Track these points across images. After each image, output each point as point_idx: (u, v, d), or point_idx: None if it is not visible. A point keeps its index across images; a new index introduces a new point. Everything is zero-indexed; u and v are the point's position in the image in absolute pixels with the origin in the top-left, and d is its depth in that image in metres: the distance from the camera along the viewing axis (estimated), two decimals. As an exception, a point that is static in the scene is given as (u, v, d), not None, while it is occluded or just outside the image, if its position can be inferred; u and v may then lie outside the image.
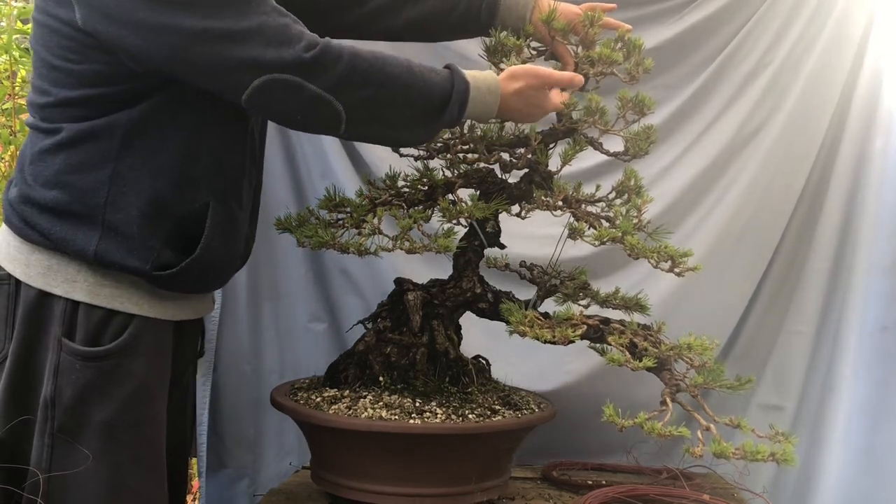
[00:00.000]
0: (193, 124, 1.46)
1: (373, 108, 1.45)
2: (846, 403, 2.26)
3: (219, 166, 1.51)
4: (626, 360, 1.62)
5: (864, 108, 2.31)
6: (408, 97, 1.47)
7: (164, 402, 1.53)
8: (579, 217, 1.75)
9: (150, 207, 1.43)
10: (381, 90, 1.44)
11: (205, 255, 1.47)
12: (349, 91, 1.41)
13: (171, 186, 1.44)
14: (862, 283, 2.26)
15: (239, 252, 1.61)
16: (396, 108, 1.48)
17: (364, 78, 1.41)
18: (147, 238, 1.43)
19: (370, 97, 1.43)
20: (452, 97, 1.50)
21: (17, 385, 1.44)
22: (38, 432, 1.41)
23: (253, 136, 1.61)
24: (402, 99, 1.47)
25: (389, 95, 1.45)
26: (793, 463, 1.54)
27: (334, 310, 2.49)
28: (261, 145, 1.68)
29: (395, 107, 1.47)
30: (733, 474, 2.07)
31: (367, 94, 1.43)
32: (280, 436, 2.50)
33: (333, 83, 1.38)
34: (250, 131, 1.59)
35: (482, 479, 1.75)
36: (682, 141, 2.39)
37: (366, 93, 1.42)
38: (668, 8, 2.36)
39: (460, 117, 1.54)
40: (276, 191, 2.43)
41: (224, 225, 1.51)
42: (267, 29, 1.34)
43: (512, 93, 1.57)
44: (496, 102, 1.56)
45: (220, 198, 1.50)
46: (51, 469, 1.38)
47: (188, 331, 1.64)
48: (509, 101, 1.58)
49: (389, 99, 1.46)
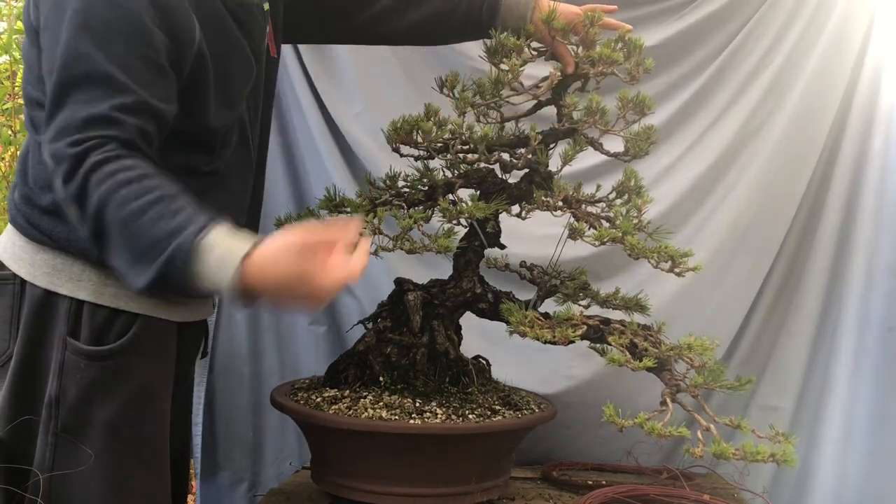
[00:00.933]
0: (185, 135, 1.44)
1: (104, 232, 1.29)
2: (845, 404, 2.26)
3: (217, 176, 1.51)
4: (626, 360, 1.62)
5: (865, 107, 2.30)
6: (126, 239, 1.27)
7: (168, 402, 1.53)
8: (579, 217, 1.75)
9: None
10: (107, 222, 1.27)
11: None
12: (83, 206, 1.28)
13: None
14: (863, 284, 2.26)
15: None
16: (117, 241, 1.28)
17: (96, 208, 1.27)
18: None
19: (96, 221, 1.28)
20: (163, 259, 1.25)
21: (21, 384, 1.44)
22: (41, 431, 1.41)
23: (251, 145, 1.60)
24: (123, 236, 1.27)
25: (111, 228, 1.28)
26: (793, 463, 1.54)
27: (334, 312, 2.49)
28: (260, 153, 1.68)
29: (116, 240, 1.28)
30: (733, 474, 2.07)
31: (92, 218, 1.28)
32: (280, 439, 2.50)
33: (74, 191, 1.27)
34: (250, 141, 1.59)
35: (482, 479, 1.75)
36: (683, 141, 2.38)
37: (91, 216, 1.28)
38: (669, 7, 2.36)
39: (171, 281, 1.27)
40: (275, 191, 2.43)
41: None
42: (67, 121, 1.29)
43: (263, 278, 1.25)
44: (227, 278, 1.24)
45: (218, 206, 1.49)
46: (54, 468, 1.38)
47: (191, 332, 1.64)
48: (260, 287, 1.27)
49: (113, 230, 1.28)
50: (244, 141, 1.58)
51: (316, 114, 2.42)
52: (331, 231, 1.27)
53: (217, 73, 1.44)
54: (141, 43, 1.31)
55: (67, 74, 1.29)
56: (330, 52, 2.42)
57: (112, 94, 1.28)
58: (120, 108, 1.28)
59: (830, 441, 2.27)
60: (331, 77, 2.43)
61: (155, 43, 1.32)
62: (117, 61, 1.29)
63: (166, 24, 1.34)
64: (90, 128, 1.27)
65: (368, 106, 2.41)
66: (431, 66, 2.30)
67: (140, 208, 1.24)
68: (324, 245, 1.25)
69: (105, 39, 1.29)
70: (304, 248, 1.24)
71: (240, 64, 1.50)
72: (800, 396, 2.37)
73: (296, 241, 1.25)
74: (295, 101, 2.43)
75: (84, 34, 1.28)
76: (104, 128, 1.27)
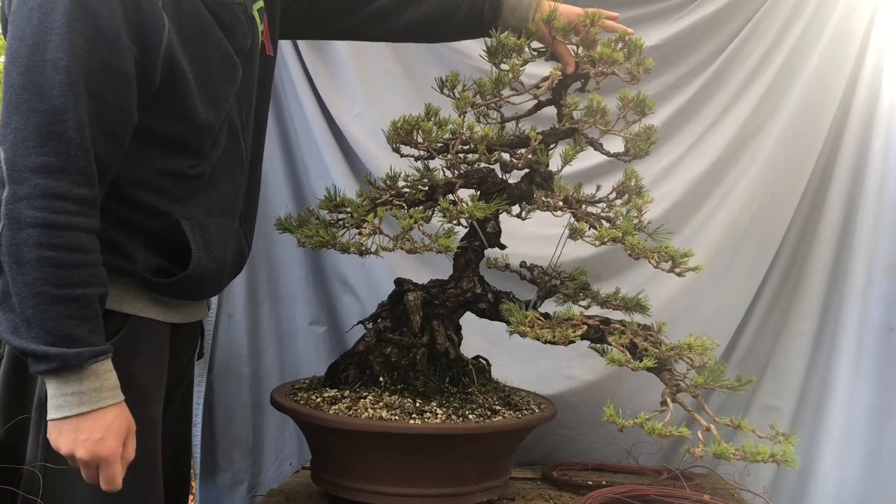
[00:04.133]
0: (166, 139, 1.44)
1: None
2: (846, 404, 2.25)
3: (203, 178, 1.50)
4: (626, 360, 1.62)
5: (865, 107, 2.31)
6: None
7: (160, 404, 1.52)
8: (580, 217, 1.75)
9: (133, 215, 1.42)
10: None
11: (196, 269, 1.47)
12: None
13: (150, 198, 1.43)
14: (862, 284, 2.26)
15: (229, 259, 1.59)
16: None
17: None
18: (131, 244, 1.42)
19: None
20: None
21: (12, 385, 1.44)
22: (32, 432, 1.41)
23: (242, 146, 1.59)
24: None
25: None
26: (793, 464, 1.54)
27: (333, 312, 2.49)
28: (254, 153, 1.67)
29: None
30: (733, 475, 2.07)
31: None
32: (279, 439, 2.50)
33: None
34: (242, 142, 1.58)
35: (482, 480, 1.75)
36: (683, 141, 2.39)
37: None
38: (669, 7, 2.36)
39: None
40: (275, 191, 2.43)
41: (212, 237, 1.51)
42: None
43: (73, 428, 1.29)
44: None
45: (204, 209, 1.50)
46: (45, 470, 1.38)
47: (186, 334, 1.63)
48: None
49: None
50: (234, 142, 1.56)
51: (316, 114, 2.42)
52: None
53: (197, 73, 1.41)
54: (104, 47, 1.27)
55: (24, 83, 1.24)
56: (330, 52, 2.42)
57: (57, 139, 1.24)
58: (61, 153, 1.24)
59: (831, 441, 2.27)
60: (331, 77, 2.43)
61: (118, 47, 1.29)
62: (76, 70, 1.24)
63: (131, 25, 1.30)
64: (39, 176, 1.23)
65: (369, 106, 2.41)
66: (432, 66, 2.31)
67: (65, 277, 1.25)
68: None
69: (70, 43, 1.24)
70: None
71: (222, 63, 1.48)
72: (800, 397, 2.37)
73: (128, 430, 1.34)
74: (295, 101, 2.43)
75: (47, 36, 1.24)
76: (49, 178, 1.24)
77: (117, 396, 1.32)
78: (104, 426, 1.30)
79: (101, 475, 1.31)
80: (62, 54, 1.24)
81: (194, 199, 1.48)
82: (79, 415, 1.28)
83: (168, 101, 1.39)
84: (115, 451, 1.31)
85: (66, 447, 1.29)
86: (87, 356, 1.27)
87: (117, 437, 1.31)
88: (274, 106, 2.43)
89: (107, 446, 1.30)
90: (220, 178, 1.54)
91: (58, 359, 1.25)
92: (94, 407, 1.29)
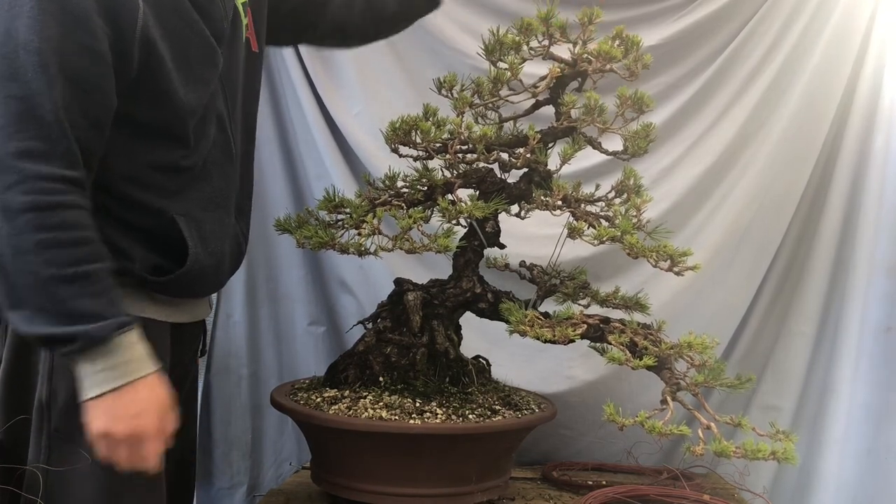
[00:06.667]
0: (149, 126, 1.43)
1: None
2: (846, 404, 2.25)
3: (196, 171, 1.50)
4: (626, 358, 1.62)
5: (866, 106, 2.31)
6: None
7: None
8: (578, 216, 1.75)
9: (127, 213, 1.42)
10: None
11: (193, 265, 1.47)
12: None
13: (143, 194, 1.43)
14: (863, 284, 2.26)
15: (227, 254, 1.59)
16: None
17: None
18: (127, 243, 1.42)
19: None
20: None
21: (12, 388, 1.44)
22: (33, 435, 1.40)
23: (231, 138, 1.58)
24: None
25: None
26: (793, 461, 1.53)
27: (333, 313, 2.49)
28: (245, 148, 1.66)
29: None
30: (733, 474, 2.07)
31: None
32: (278, 440, 2.49)
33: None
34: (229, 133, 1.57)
35: (482, 480, 1.74)
36: (683, 141, 2.39)
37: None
38: (669, 7, 2.36)
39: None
40: (274, 191, 2.43)
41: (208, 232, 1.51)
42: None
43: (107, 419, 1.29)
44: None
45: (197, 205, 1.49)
46: (48, 471, 1.37)
47: (187, 334, 1.63)
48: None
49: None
50: (222, 133, 1.55)
51: (315, 114, 2.42)
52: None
53: (175, 55, 1.40)
54: (76, 28, 1.26)
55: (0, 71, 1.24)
56: (330, 52, 2.42)
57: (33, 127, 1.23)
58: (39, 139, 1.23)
59: (831, 441, 2.26)
60: (330, 77, 2.43)
61: (90, 27, 1.27)
62: (49, 52, 1.24)
63: (102, 5, 1.29)
64: (24, 161, 1.22)
65: (368, 106, 2.42)
66: (430, 66, 2.31)
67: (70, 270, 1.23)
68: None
69: (41, 25, 1.23)
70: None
71: (199, 45, 1.46)
72: (800, 397, 2.37)
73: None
74: (294, 102, 2.44)
75: (17, 21, 1.23)
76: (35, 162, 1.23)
77: (149, 367, 1.30)
78: (142, 400, 1.28)
79: (133, 455, 1.29)
80: (33, 36, 1.23)
81: (187, 194, 1.48)
82: (113, 390, 1.26)
83: (147, 84, 1.38)
84: (153, 427, 1.29)
85: (102, 425, 1.27)
86: (110, 328, 1.25)
87: (156, 412, 1.30)
88: (273, 106, 2.44)
89: (146, 422, 1.28)
90: (211, 171, 1.54)
91: (82, 336, 1.23)
92: (128, 380, 1.27)
